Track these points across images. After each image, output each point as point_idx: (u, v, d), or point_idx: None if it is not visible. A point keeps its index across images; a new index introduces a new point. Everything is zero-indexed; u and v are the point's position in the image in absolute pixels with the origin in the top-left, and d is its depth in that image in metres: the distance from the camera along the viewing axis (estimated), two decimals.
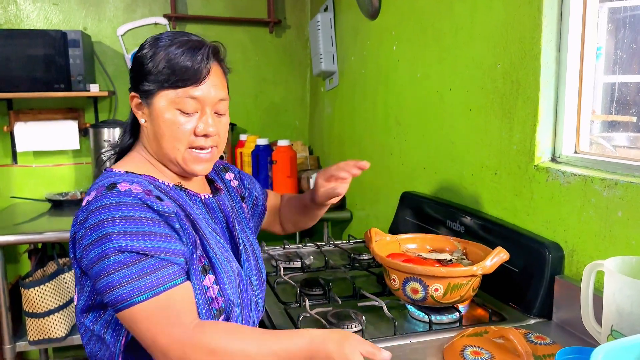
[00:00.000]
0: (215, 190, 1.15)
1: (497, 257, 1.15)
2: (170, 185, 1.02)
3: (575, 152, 1.29)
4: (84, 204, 0.93)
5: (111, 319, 0.94)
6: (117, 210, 0.87)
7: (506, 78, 1.37)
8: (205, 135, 0.99)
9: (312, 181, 2.65)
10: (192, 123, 0.98)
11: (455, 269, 1.13)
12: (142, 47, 1.00)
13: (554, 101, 1.29)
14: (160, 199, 0.92)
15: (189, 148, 0.99)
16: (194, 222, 0.97)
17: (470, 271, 1.12)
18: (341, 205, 2.53)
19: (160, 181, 1.01)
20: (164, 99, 0.97)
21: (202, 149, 1.00)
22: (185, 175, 1.05)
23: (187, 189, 1.04)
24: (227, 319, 0.97)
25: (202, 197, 1.06)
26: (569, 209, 1.20)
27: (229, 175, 1.23)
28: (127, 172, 0.98)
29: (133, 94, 1.01)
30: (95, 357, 0.98)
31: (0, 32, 2.34)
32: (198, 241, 0.95)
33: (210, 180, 1.17)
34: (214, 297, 0.94)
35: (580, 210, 1.17)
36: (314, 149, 3.03)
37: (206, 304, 0.93)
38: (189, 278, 0.92)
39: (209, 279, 0.94)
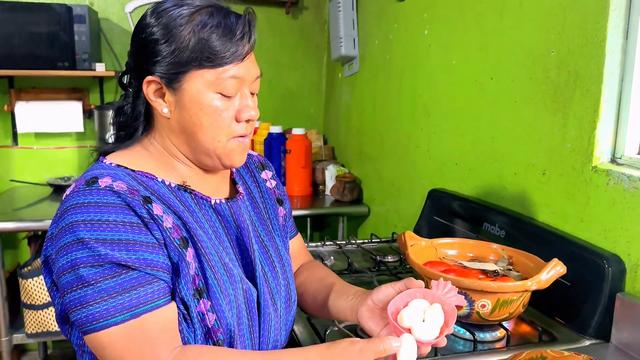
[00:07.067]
0: (234, 193, 0.95)
1: (554, 270, 1.02)
2: (172, 186, 0.84)
3: (639, 154, 1.15)
4: (63, 197, 0.79)
5: None
6: (94, 212, 0.72)
7: (561, 67, 1.22)
8: (248, 121, 0.85)
9: (327, 173, 2.51)
10: (233, 108, 0.83)
11: (507, 284, 0.99)
12: (158, 15, 0.81)
13: (617, 95, 1.14)
14: (149, 201, 0.77)
15: (231, 138, 0.84)
16: (190, 233, 0.80)
17: (524, 286, 0.99)
18: (358, 199, 2.39)
19: (160, 180, 0.83)
20: (200, 81, 0.80)
21: (242, 136, 0.85)
22: (215, 169, 0.89)
23: (193, 190, 0.86)
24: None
25: (213, 202, 0.87)
26: (634, 218, 1.06)
27: (266, 174, 1.03)
28: (118, 166, 0.82)
29: (151, 78, 0.81)
30: None
31: (2, 4, 2.19)
32: (192, 257, 0.79)
33: (235, 181, 0.98)
34: (210, 326, 0.78)
35: None
36: (329, 138, 2.88)
37: (203, 335, 0.78)
38: (173, 299, 0.77)
39: (204, 304, 0.78)
